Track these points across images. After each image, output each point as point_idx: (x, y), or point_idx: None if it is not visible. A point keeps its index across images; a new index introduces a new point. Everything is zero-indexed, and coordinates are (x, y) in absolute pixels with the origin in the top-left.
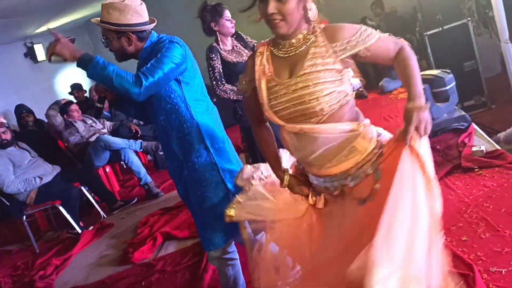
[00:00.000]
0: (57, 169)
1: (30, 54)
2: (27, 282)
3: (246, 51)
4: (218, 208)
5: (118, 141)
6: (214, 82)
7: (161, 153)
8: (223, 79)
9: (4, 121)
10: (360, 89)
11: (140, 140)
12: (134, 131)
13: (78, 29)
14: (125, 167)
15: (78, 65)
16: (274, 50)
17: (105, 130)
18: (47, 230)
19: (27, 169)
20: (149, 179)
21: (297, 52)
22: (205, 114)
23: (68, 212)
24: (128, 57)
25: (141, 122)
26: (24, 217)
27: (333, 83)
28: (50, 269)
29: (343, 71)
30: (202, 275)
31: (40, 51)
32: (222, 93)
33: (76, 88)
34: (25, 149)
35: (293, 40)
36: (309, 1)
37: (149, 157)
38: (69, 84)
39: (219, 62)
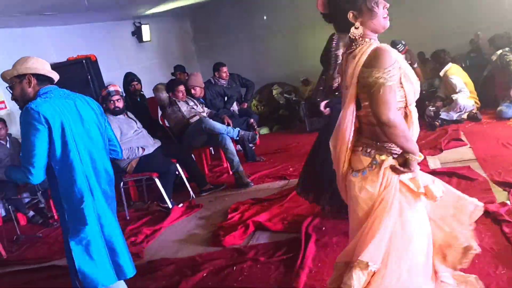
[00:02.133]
0: (158, 143)
1: (137, 33)
2: None
3: None
4: None
5: (218, 126)
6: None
7: (251, 145)
8: None
9: (120, 89)
10: (474, 112)
11: (238, 128)
12: (226, 124)
13: (180, 17)
14: (212, 153)
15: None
16: None
17: (205, 114)
18: (137, 200)
19: (132, 138)
20: (241, 168)
21: None
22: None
23: (163, 186)
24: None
25: (236, 111)
26: (122, 183)
27: None
28: (141, 237)
29: None
30: (298, 271)
31: (146, 32)
32: None
33: (179, 70)
34: (132, 119)
35: None
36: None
37: (238, 147)
38: (169, 66)
39: None
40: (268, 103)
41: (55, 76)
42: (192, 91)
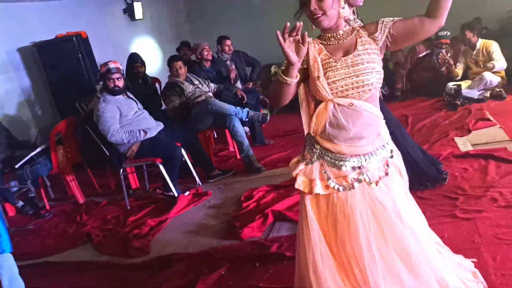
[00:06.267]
0: (161, 125)
1: (129, 11)
2: (121, 238)
3: None
4: None
5: (226, 107)
6: None
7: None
8: None
9: (121, 67)
10: (498, 89)
11: (247, 109)
12: (240, 96)
13: None
14: (215, 136)
15: None
16: (324, 41)
17: (210, 94)
18: (137, 188)
19: (133, 120)
20: (251, 151)
21: (346, 40)
22: None
23: (168, 172)
24: None
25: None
26: (122, 170)
27: (378, 64)
28: (145, 229)
29: (380, 56)
30: None
31: (138, 9)
32: None
33: (186, 46)
34: (132, 99)
35: (341, 32)
36: (342, 1)
37: (246, 128)
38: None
39: None
40: (268, 84)
41: None
42: (205, 53)
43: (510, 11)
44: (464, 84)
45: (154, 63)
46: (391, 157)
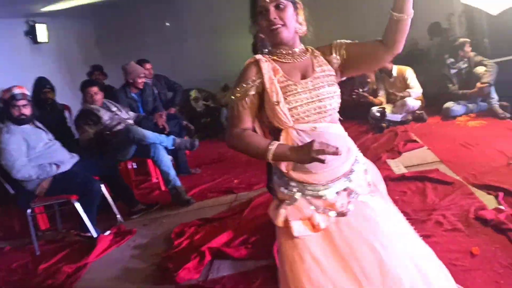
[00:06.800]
0: (76, 157)
1: (31, 33)
2: None
3: None
4: None
5: (149, 135)
6: None
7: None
8: None
9: (27, 92)
10: (419, 112)
11: (173, 136)
12: (161, 127)
13: (81, 16)
14: (135, 166)
15: None
16: (278, 59)
17: (131, 121)
18: (48, 229)
19: (43, 152)
20: (178, 182)
21: (302, 59)
22: None
23: (85, 210)
24: None
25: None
26: (29, 210)
27: (336, 86)
28: (61, 278)
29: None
30: None
31: (42, 32)
32: None
33: (98, 70)
34: (41, 129)
35: (296, 49)
36: (300, 15)
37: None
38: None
39: None
40: (187, 110)
41: None
42: (139, 80)
43: (413, 39)
44: (388, 107)
45: (62, 89)
46: (366, 171)
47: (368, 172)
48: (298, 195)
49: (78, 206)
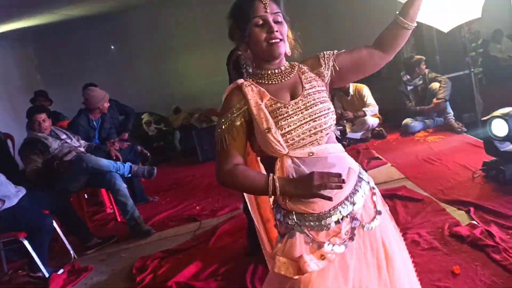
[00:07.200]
0: (23, 191)
1: None
2: None
3: None
4: None
5: (104, 163)
6: None
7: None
8: None
9: None
10: (379, 129)
11: (129, 163)
12: (114, 157)
13: (21, 39)
14: (86, 196)
15: None
16: (263, 81)
17: (82, 149)
18: None
19: None
20: (137, 212)
21: (290, 77)
22: None
23: (35, 249)
24: None
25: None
26: None
27: (329, 102)
28: None
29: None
30: None
31: None
32: None
33: (42, 96)
34: None
35: (282, 68)
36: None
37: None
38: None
39: None
40: (139, 134)
41: None
42: (106, 105)
43: None
44: (347, 125)
45: (2, 117)
46: (373, 189)
47: (376, 190)
48: (295, 230)
49: (27, 244)
